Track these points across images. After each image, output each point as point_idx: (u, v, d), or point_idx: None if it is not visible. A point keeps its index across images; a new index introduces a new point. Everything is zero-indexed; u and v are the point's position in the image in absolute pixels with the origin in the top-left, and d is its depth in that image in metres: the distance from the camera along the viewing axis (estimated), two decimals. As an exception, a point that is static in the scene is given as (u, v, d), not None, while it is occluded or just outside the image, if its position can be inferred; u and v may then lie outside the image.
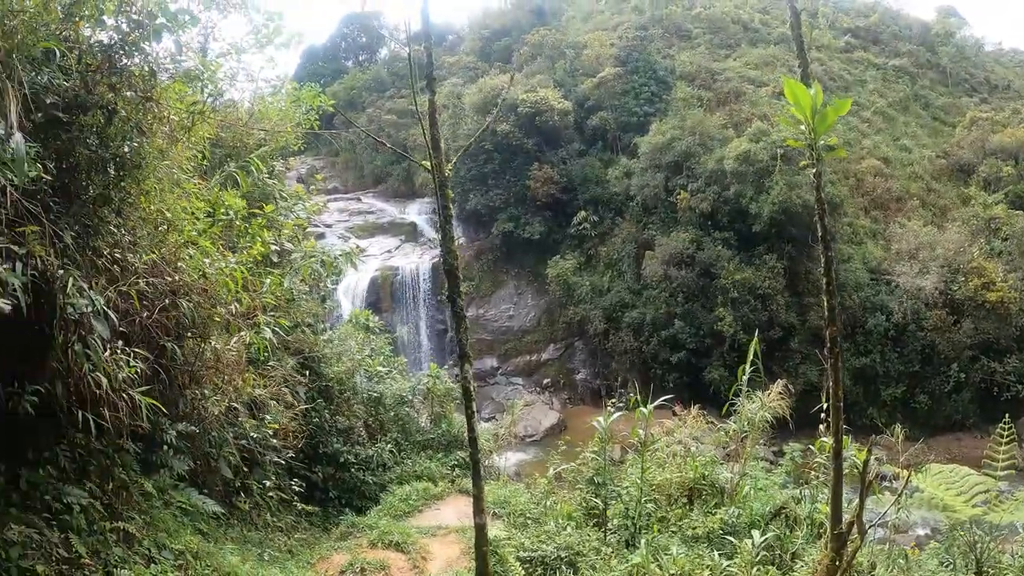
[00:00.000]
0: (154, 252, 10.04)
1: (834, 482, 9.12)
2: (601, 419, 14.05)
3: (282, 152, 21.57)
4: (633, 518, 13.66)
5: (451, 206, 9.10)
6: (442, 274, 63.38)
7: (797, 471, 16.87)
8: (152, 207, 10.29)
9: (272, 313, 13.81)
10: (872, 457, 14.60)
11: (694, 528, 13.58)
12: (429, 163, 8.95)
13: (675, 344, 56.97)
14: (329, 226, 67.76)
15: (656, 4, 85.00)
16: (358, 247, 21.00)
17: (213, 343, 11.19)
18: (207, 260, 11.02)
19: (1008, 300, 52.94)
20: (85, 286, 8.22)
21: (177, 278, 10.19)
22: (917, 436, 14.10)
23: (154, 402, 9.76)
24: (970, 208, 62.66)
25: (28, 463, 9.40)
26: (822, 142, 7.98)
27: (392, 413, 23.67)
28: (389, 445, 22.01)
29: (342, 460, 20.11)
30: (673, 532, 13.68)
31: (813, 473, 14.77)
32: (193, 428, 12.16)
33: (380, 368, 24.53)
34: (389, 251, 68.92)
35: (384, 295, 63.01)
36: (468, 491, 19.53)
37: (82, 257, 8.71)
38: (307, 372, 19.81)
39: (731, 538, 12.96)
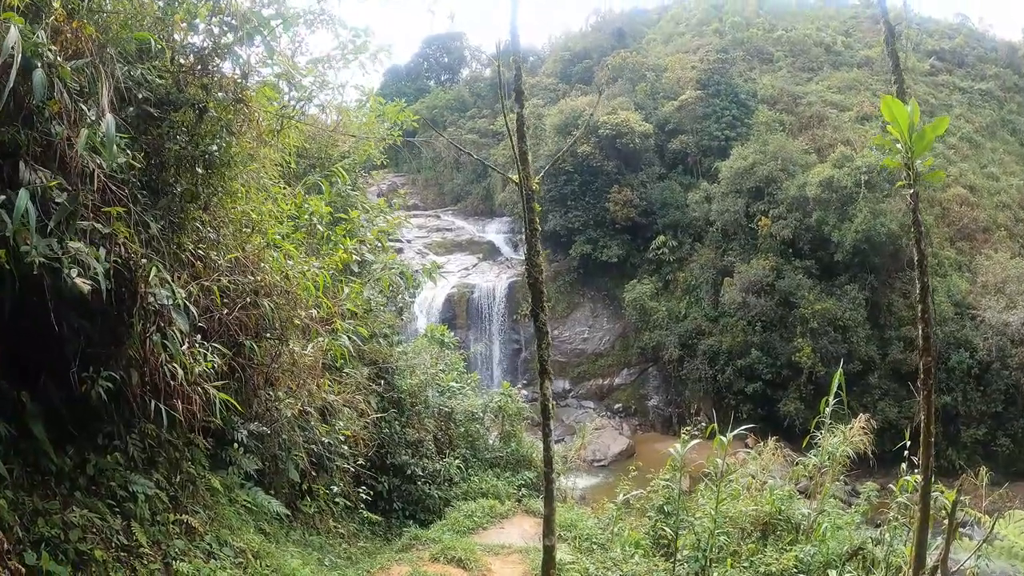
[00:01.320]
0: (238, 251, 10.10)
1: (920, 524, 8.70)
2: (678, 446, 13.70)
3: (365, 165, 21.71)
4: (704, 550, 13.20)
5: (537, 220, 8.99)
6: (518, 293, 64.66)
7: (872, 511, 16.37)
8: (237, 207, 10.37)
9: (351, 321, 13.81)
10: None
11: (768, 565, 13.17)
12: (517, 177, 8.86)
13: (751, 374, 56.23)
14: (408, 242, 68.11)
15: (737, 27, 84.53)
16: (436, 263, 20.90)
17: (291, 345, 11.20)
18: (290, 262, 11.05)
19: None
20: (167, 277, 8.25)
21: (259, 278, 10.21)
22: (998, 481, 13.37)
23: (228, 399, 9.77)
24: None
25: (97, 448, 9.41)
26: (919, 162, 7.65)
27: (462, 429, 23.58)
28: (457, 460, 21.96)
29: (409, 472, 20.05)
30: (745, 568, 13.29)
31: (892, 514, 14.25)
32: (264, 429, 12.19)
33: (453, 383, 24.47)
34: (466, 268, 69.13)
35: (459, 312, 63.27)
36: (534, 511, 19.43)
37: (167, 250, 8.74)
38: (380, 382, 19.88)
39: None
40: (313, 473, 15.04)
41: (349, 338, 13.10)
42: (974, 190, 66.16)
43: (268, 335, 10.83)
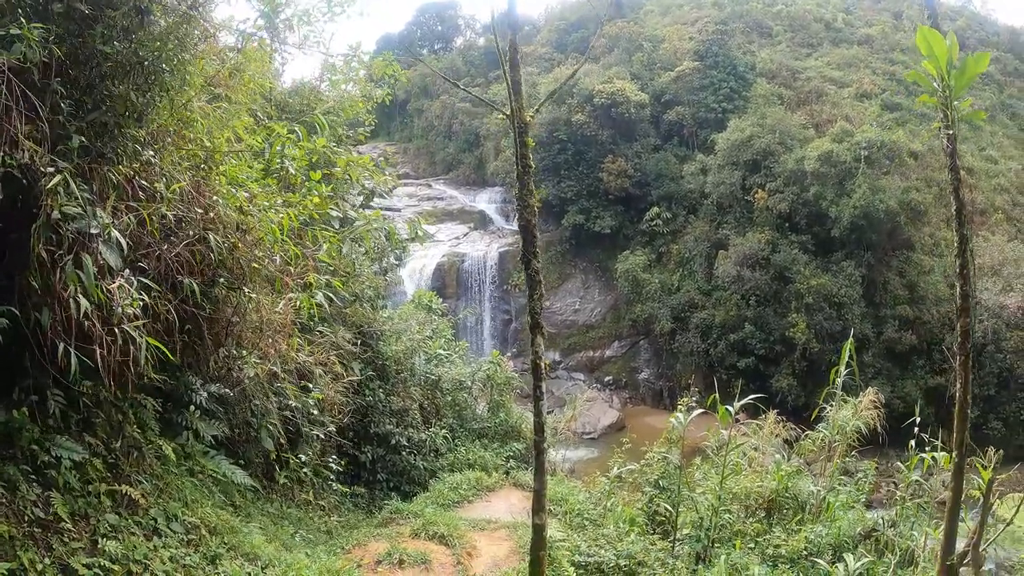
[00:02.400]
0: (186, 181, 8.90)
1: (951, 504, 7.78)
2: (680, 416, 12.59)
3: (351, 123, 20.64)
4: (707, 529, 12.22)
5: (530, 157, 8.11)
6: (509, 263, 63.91)
7: (871, 490, 15.45)
8: (190, 135, 9.21)
9: (326, 276, 12.77)
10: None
11: (776, 546, 12.21)
12: (508, 109, 7.94)
13: (743, 349, 55.56)
14: (398, 211, 67.06)
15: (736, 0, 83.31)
16: (420, 221, 19.91)
17: (254, 296, 10.03)
18: (247, 195, 9.80)
19: None
20: (90, 199, 7.07)
21: (211, 214, 9.03)
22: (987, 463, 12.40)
23: (157, 344, 8.45)
24: None
25: (10, 404, 8.12)
26: (957, 103, 6.64)
27: (449, 398, 22.91)
28: (443, 431, 21.30)
29: (393, 442, 19.30)
30: (751, 548, 12.30)
31: (899, 494, 13.32)
32: (227, 391, 11.11)
33: (440, 351, 23.65)
34: (457, 238, 68.40)
35: (449, 281, 62.46)
36: (522, 484, 18.53)
37: (96, 170, 7.60)
38: (364, 348, 18.98)
39: (818, 560, 11.58)
40: (288, 442, 14.08)
41: (326, 296, 12.03)
42: (972, 172, 65.60)
43: (222, 280, 9.65)
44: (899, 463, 14.00)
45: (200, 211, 8.85)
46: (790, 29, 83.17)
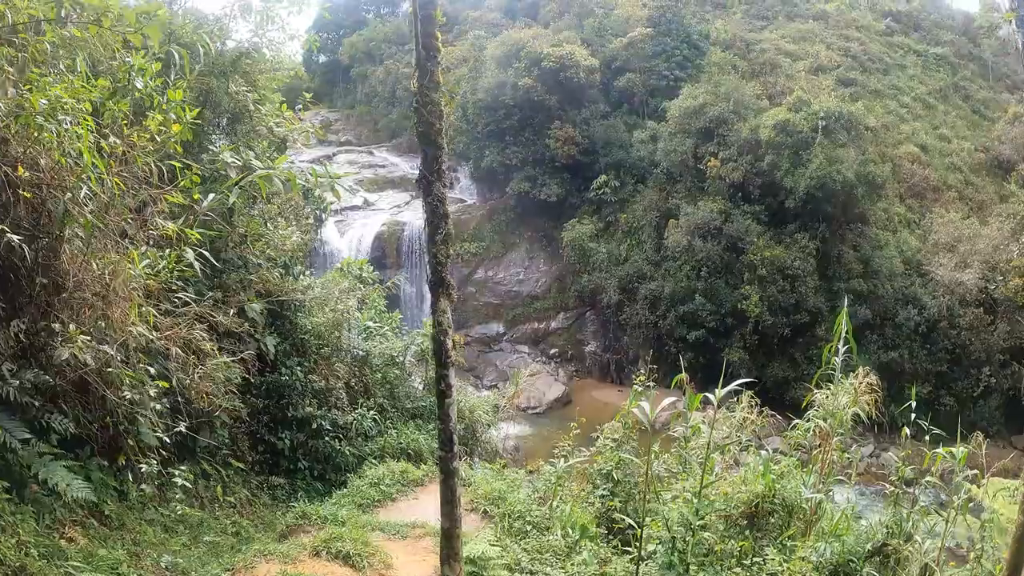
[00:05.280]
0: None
1: (1022, 519, 5.96)
2: (646, 405, 10.31)
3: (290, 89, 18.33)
4: (682, 551, 9.93)
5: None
6: (453, 230, 62.23)
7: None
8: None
9: (200, 231, 10.51)
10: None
11: (770, 574, 10.18)
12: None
13: (693, 321, 54.11)
14: (338, 178, 64.77)
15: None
16: (335, 173, 17.54)
17: (83, 253, 7.66)
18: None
19: None
20: None
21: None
22: (937, 440, 10.80)
23: None
24: (1010, 205, 59.77)
25: None
26: None
27: (379, 375, 20.96)
28: (372, 411, 19.31)
29: (315, 426, 17.30)
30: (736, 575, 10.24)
31: (917, 494, 11.37)
32: (46, 376, 8.69)
33: (369, 323, 21.55)
34: (398, 206, 66.30)
35: (390, 251, 60.40)
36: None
37: None
38: (279, 320, 16.81)
39: None
40: (189, 432, 11.88)
41: (198, 253, 9.73)
42: (926, 149, 66.27)
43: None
44: (892, 454, 12.15)
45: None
46: (745, 1, 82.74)
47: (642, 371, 14.72)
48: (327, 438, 17.44)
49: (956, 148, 68.12)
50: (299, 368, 17.28)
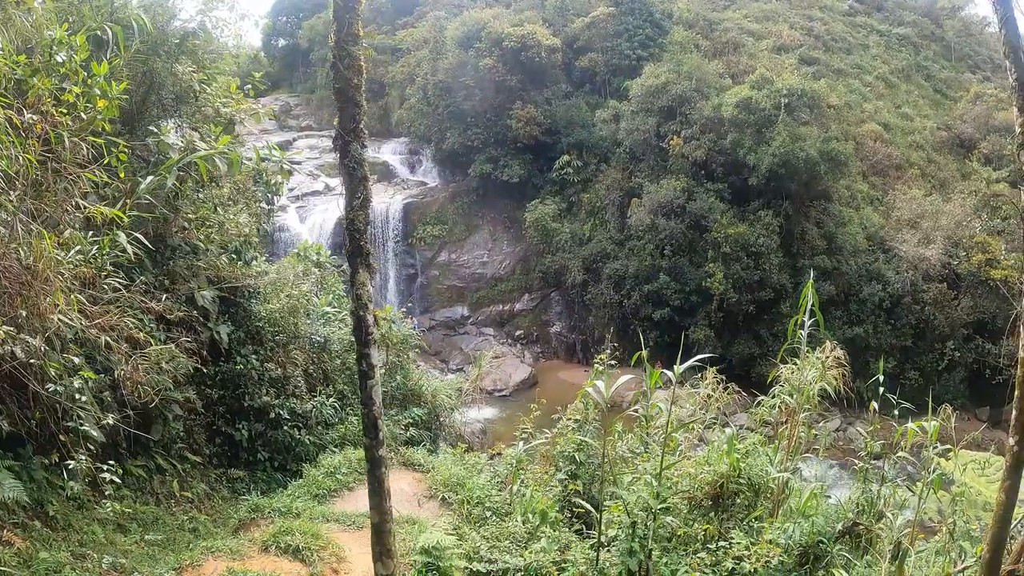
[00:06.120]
0: None
1: (1003, 509, 5.76)
2: (600, 384, 9.92)
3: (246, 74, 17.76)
4: (643, 537, 9.49)
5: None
6: (414, 215, 61.76)
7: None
8: None
9: (132, 213, 10.04)
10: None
11: (738, 560, 9.70)
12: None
13: (658, 300, 54.07)
14: (299, 163, 64.32)
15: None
16: (282, 151, 17.07)
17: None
18: None
19: (1011, 280, 50.07)
20: None
21: None
22: (905, 414, 10.64)
23: None
24: (971, 183, 61.07)
25: None
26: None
27: (339, 361, 20.62)
28: (332, 399, 18.99)
29: (272, 415, 17.01)
30: (704, 565, 9.81)
31: (887, 469, 11.17)
32: None
33: (327, 308, 21.14)
34: (360, 190, 65.35)
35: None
36: (414, 463, 16.17)
37: None
38: (232, 307, 16.38)
39: None
40: (141, 424, 11.46)
41: (134, 240, 9.29)
42: (888, 127, 66.79)
43: None
44: (859, 429, 11.99)
45: None
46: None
47: (606, 349, 14.46)
48: (286, 427, 17.14)
49: (918, 127, 68.86)
50: (254, 356, 16.92)
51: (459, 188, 66.41)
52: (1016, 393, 6.73)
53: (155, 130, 12.34)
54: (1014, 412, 6.74)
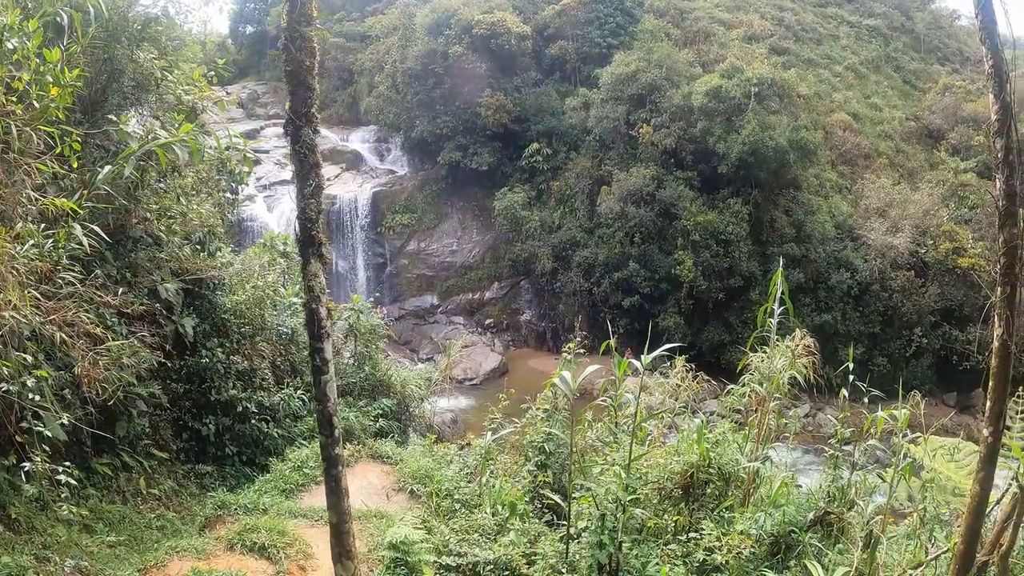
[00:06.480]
0: None
1: (978, 500, 5.71)
2: (567, 375, 9.80)
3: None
4: (612, 530, 9.30)
5: None
6: (383, 203, 61.41)
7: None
8: None
9: (89, 205, 9.80)
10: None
11: (708, 550, 9.66)
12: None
13: (628, 288, 54.24)
14: (267, 152, 63.77)
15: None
16: (242, 138, 16.79)
17: None
18: None
19: (978, 268, 51.30)
20: None
21: None
22: (874, 400, 10.67)
23: None
24: (939, 172, 61.80)
25: None
26: None
27: (306, 352, 19.92)
28: (300, 391, 18.76)
29: (240, 409, 16.78)
30: (675, 556, 9.77)
31: (857, 455, 11.11)
32: None
33: (295, 299, 20.89)
34: (328, 179, 64.39)
35: (320, 225, 59.00)
36: (383, 456, 16.00)
37: None
38: (197, 301, 16.12)
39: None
40: (106, 421, 11.21)
41: (90, 232, 9.04)
42: (857, 117, 67.28)
43: None
44: (829, 415, 11.93)
45: None
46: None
47: (577, 338, 14.35)
48: (254, 421, 16.94)
49: (887, 117, 69.44)
50: (220, 349, 16.70)
51: (428, 176, 66.04)
52: (991, 383, 6.69)
53: (114, 119, 12.06)
54: (988, 402, 6.72)
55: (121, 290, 11.98)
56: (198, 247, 16.50)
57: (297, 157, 6.21)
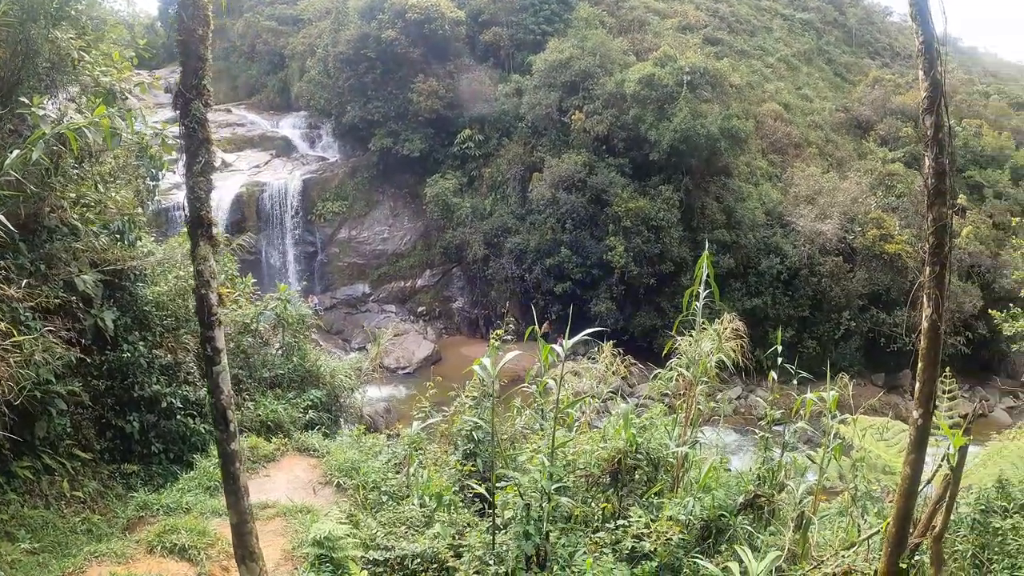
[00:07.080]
0: None
1: (908, 483, 5.71)
2: (487, 362, 9.63)
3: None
4: (538, 519, 9.22)
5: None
6: (313, 191, 60.65)
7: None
8: None
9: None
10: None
11: (637, 538, 9.59)
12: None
13: (560, 274, 54.50)
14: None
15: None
16: (163, 124, 16.27)
17: None
18: None
19: (904, 254, 53.26)
20: None
21: None
22: (804, 381, 10.80)
23: None
24: (867, 162, 63.58)
25: None
26: None
27: (233, 344, 19.71)
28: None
29: (165, 405, 16.15)
30: (604, 544, 9.66)
31: (788, 437, 11.16)
32: None
33: (222, 290, 20.38)
34: (257, 166, 64.05)
35: (249, 213, 58.39)
36: (309, 449, 15.76)
37: None
38: (117, 293, 15.63)
39: (704, 562, 8.97)
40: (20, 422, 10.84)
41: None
42: (788, 108, 68.74)
43: None
44: (759, 397, 12.02)
45: None
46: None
47: (507, 325, 14.24)
48: (179, 417, 16.38)
49: (818, 108, 71.14)
50: (142, 343, 16.12)
51: (360, 163, 65.44)
52: (920, 365, 6.69)
53: (26, 101, 11.59)
54: (917, 384, 6.74)
55: (25, 282, 11.55)
56: (117, 236, 15.97)
57: (187, 132, 5.88)
